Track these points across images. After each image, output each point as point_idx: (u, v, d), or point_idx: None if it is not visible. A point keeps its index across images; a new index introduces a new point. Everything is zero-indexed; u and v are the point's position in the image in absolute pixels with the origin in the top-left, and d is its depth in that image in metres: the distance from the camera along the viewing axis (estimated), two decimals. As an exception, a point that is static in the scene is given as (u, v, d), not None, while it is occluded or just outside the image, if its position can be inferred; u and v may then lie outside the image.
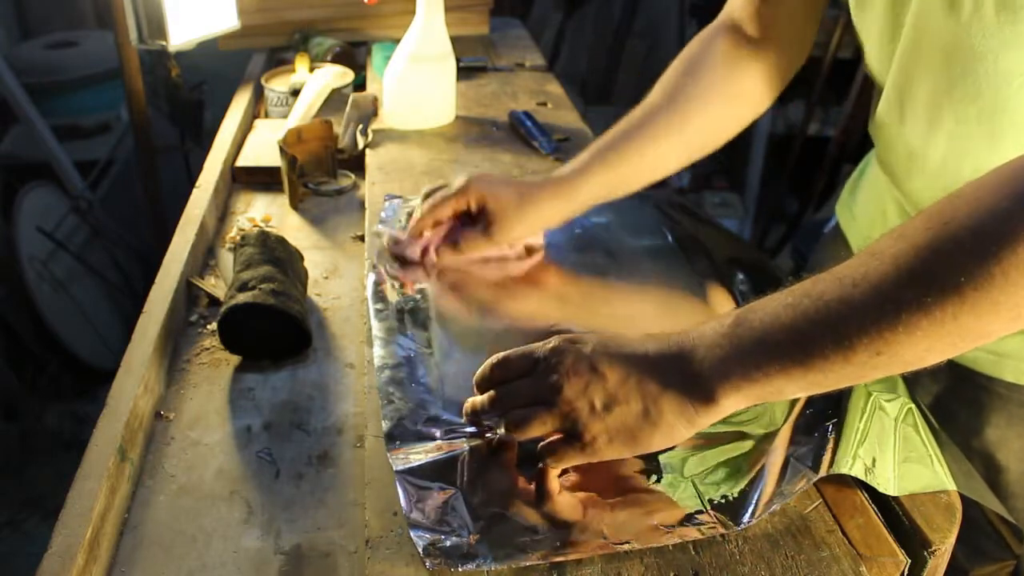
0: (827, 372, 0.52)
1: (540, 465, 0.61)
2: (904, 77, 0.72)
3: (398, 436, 0.67)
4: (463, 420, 0.66)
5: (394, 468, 0.63)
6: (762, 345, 0.53)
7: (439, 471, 0.63)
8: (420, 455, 0.65)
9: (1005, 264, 0.45)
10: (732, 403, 0.55)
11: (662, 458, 0.64)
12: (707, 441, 0.66)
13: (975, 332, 0.48)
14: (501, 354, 0.63)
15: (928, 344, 0.49)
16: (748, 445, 0.66)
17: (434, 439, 0.66)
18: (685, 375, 0.56)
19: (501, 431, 0.64)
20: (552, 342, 0.61)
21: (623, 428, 0.57)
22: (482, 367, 0.64)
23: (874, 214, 0.89)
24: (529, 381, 0.60)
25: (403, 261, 0.88)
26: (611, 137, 0.91)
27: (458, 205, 0.87)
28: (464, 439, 0.66)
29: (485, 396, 0.63)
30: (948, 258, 0.47)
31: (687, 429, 0.56)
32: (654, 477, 0.63)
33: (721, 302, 0.86)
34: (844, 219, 0.96)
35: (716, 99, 0.89)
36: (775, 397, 0.56)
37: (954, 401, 0.81)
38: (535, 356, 0.61)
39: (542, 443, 0.61)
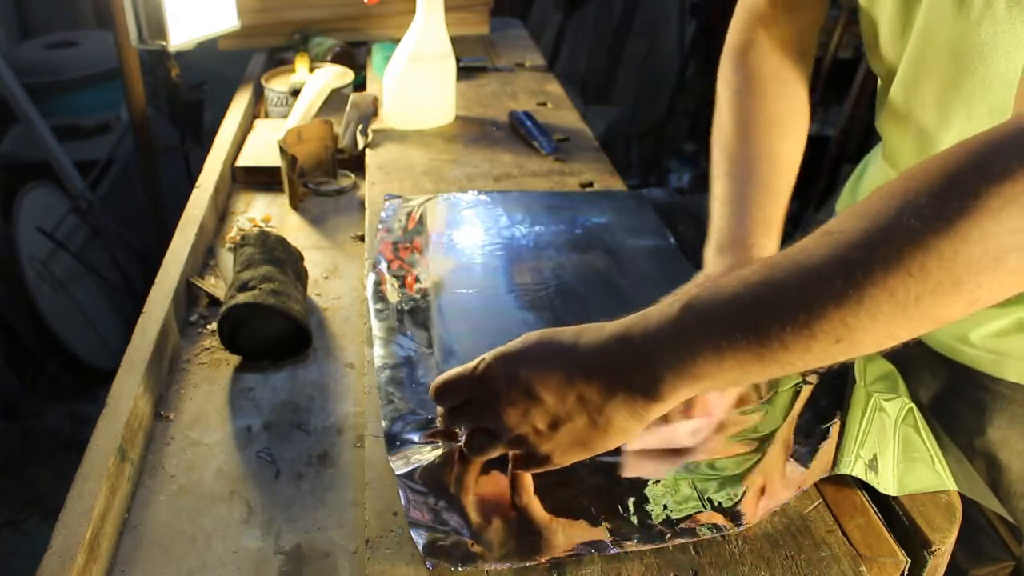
0: (783, 362, 0.48)
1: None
2: (914, 73, 0.71)
3: (398, 437, 0.67)
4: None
5: (395, 472, 0.63)
6: (713, 333, 0.48)
7: (439, 473, 0.63)
8: (420, 456, 0.65)
9: (970, 241, 0.43)
10: (681, 393, 0.51)
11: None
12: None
13: (936, 315, 0.45)
14: (440, 378, 0.60)
15: (890, 329, 0.46)
16: (749, 447, 0.66)
17: (435, 443, 0.66)
18: (627, 369, 0.51)
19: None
20: (482, 364, 0.57)
21: (574, 441, 0.54)
22: (430, 388, 0.61)
23: None
24: (473, 408, 0.58)
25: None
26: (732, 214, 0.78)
27: None
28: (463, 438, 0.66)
29: (441, 414, 0.61)
30: (912, 236, 0.44)
31: (638, 425, 0.53)
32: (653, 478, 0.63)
33: None
34: None
35: (788, 117, 0.83)
36: (727, 387, 0.54)
37: (956, 401, 0.80)
38: (469, 380, 0.58)
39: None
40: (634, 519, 0.60)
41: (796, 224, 2.48)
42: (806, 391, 0.70)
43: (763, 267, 0.49)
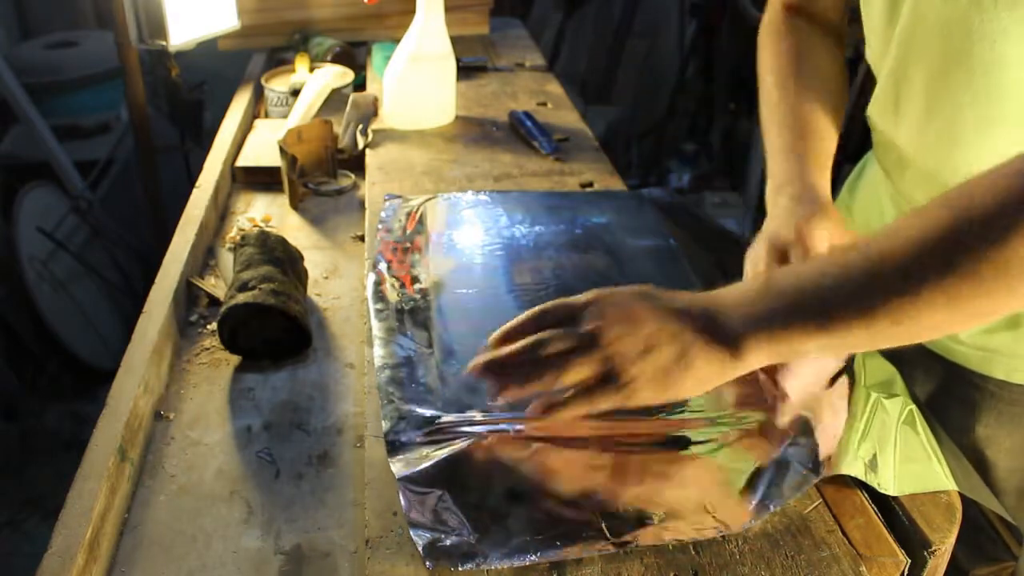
0: (846, 337, 0.55)
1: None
2: (901, 62, 0.72)
3: (399, 439, 0.67)
4: (475, 375, 0.62)
5: (396, 475, 0.63)
6: (788, 307, 0.56)
7: (439, 474, 0.63)
8: (420, 459, 0.65)
9: (1022, 251, 0.48)
10: (756, 358, 0.57)
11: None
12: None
13: (988, 311, 0.52)
14: (538, 307, 0.63)
15: (944, 318, 0.52)
16: (750, 447, 0.66)
17: (435, 443, 0.66)
18: (715, 328, 0.58)
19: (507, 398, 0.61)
20: (590, 294, 0.62)
21: (659, 371, 0.58)
22: (516, 319, 0.63)
23: (871, 212, 0.89)
24: (567, 330, 0.60)
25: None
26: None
27: None
28: (463, 439, 0.66)
29: (517, 344, 0.61)
30: (968, 242, 0.50)
31: (717, 377, 0.58)
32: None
33: None
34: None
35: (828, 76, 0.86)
36: (794, 356, 0.59)
37: (947, 399, 0.81)
38: (574, 305, 0.62)
39: (576, 389, 0.60)
40: (634, 519, 0.60)
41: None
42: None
43: (837, 255, 0.56)
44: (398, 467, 0.64)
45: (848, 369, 0.71)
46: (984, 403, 0.78)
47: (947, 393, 0.81)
